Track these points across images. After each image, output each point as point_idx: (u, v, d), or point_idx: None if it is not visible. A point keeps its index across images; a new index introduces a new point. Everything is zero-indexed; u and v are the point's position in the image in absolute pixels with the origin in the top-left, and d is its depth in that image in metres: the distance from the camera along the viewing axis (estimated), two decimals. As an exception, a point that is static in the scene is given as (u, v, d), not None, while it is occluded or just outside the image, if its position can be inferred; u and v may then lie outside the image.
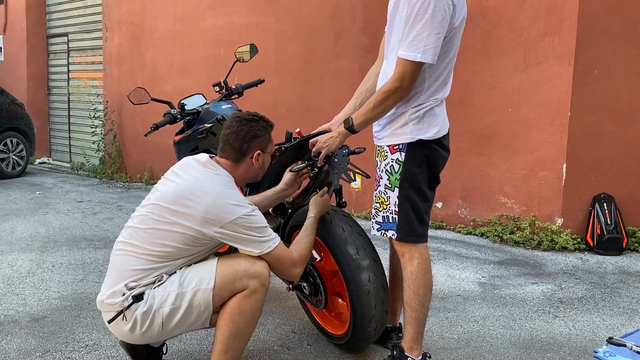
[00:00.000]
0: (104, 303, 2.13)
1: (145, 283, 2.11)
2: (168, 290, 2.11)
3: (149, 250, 2.11)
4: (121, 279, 2.11)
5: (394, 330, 2.70)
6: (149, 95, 3.42)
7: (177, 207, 2.10)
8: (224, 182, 2.16)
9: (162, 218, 2.12)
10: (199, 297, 2.11)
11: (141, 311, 2.08)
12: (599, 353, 2.68)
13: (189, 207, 2.08)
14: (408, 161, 2.28)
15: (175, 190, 2.15)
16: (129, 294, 2.09)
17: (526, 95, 4.66)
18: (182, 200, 2.10)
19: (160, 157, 7.54)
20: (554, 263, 4.19)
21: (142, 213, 2.20)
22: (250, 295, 2.12)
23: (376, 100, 2.23)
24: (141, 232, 2.15)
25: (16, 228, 5.05)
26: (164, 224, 2.11)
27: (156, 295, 2.10)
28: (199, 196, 2.09)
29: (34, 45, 9.61)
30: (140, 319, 2.09)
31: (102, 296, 2.14)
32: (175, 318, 2.11)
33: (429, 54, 2.13)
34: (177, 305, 2.10)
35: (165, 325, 2.11)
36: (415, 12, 2.11)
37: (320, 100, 5.88)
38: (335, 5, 5.74)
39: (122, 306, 2.09)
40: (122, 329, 2.13)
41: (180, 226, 2.09)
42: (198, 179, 2.15)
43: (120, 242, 2.20)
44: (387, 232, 2.37)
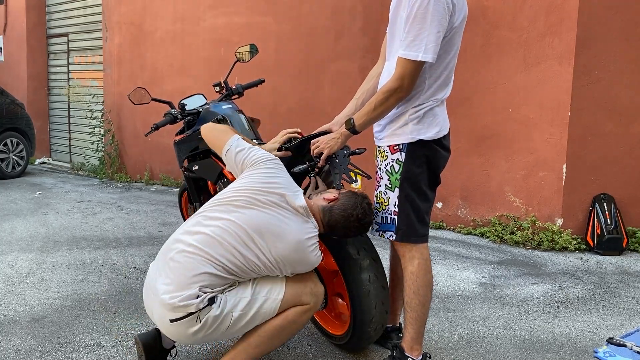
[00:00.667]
0: (172, 305, 2.08)
1: (218, 288, 2.13)
2: (240, 295, 2.15)
3: (222, 262, 2.11)
4: (194, 282, 2.09)
5: (394, 331, 2.70)
6: (149, 95, 3.42)
7: (258, 238, 2.14)
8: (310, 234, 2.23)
9: (241, 239, 2.14)
10: (267, 306, 2.18)
11: (213, 314, 2.09)
12: (599, 353, 2.68)
13: (273, 240, 2.15)
14: (408, 161, 2.28)
15: (264, 221, 2.17)
16: (204, 297, 2.08)
17: (526, 95, 4.66)
18: (266, 235, 2.15)
19: (160, 157, 7.54)
20: (554, 263, 4.19)
21: (218, 225, 2.17)
22: (307, 311, 2.26)
23: (377, 100, 2.23)
24: (216, 243, 2.13)
25: (16, 228, 5.05)
26: (242, 246, 2.13)
27: (228, 299, 2.12)
28: (283, 239, 2.16)
29: (34, 45, 9.61)
30: (211, 321, 2.10)
31: (170, 299, 2.08)
32: (241, 323, 2.16)
33: (430, 53, 2.13)
34: (246, 311, 2.15)
35: (230, 328, 2.15)
36: (415, 11, 2.11)
37: (320, 100, 5.88)
38: (335, 5, 5.74)
39: (197, 308, 2.07)
40: (187, 330, 2.11)
41: (258, 252, 2.14)
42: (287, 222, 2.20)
43: (190, 245, 2.15)
44: (384, 233, 2.37)
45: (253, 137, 3.12)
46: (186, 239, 2.17)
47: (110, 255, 4.27)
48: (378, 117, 2.28)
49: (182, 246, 2.16)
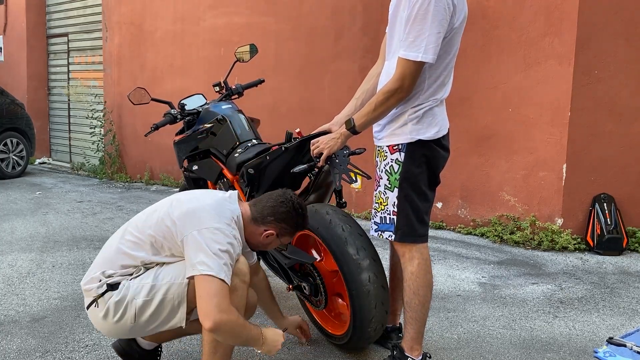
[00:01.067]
0: (83, 289, 2.16)
1: (122, 273, 2.12)
2: (143, 282, 2.09)
3: (129, 242, 2.13)
4: (102, 266, 2.14)
5: (394, 331, 2.70)
6: (149, 95, 3.42)
7: (170, 204, 2.16)
8: (229, 206, 2.14)
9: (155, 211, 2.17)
10: (173, 291, 2.08)
11: (114, 300, 2.07)
12: (599, 353, 2.68)
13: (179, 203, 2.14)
14: (407, 161, 2.28)
15: (180, 195, 2.22)
16: (104, 281, 2.10)
17: (526, 95, 4.66)
18: (178, 201, 2.16)
19: (160, 157, 7.54)
20: (554, 263, 4.18)
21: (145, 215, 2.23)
22: (233, 292, 2.03)
23: (377, 100, 2.23)
24: (134, 220, 2.21)
25: (16, 228, 5.05)
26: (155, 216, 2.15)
27: (131, 286, 2.09)
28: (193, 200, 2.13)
29: (34, 45, 9.60)
30: (113, 308, 2.08)
31: (82, 280, 2.17)
32: (148, 311, 2.09)
33: (430, 53, 2.13)
34: (150, 298, 2.07)
35: (137, 317, 2.09)
36: (415, 12, 2.11)
37: (320, 100, 5.88)
38: (335, 5, 5.74)
39: (97, 293, 2.09)
40: (97, 316, 2.13)
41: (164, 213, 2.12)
42: (207, 194, 2.21)
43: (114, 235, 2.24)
44: (383, 233, 2.37)
45: (253, 137, 3.12)
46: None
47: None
48: (378, 118, 2.28)
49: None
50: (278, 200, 2.20)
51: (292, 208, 2.20)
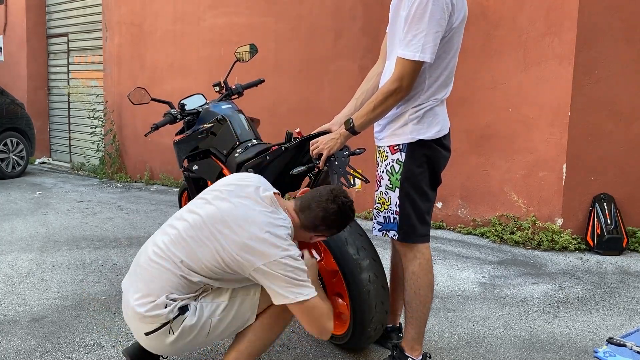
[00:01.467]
0: (143, 315, 2.02)
1: (188, 296, 2.06)
2: (217, 301, 2.10)
3: (186, 263, 2.03)
4: (162, 290, 2.03)
5: (394, 331, 2.70)
6: (149, 95, 3.42)
7: (222, 228, 2.02)
8: (280, 222, 2.05)
9: (204, 233, 2.03)
10: (245, 306, 2.12)
11: (189, 323, 2.04)
12: (599, 353, 2.68)
13: (234, 232, 2.00)
14: (408, 161, 2.28)
15: (227, 212, 2.05)
16: (174, 306, 2.02)
17: (526, 95, 4.66)
18: (230, 224, 2.02)
19: (160, 157, 7.54)
20: (554, 263, 4.18)
21: (188, 223, 2.09)
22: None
23: (376, 100, 2.23)
24: (182, 242, 2.05)
25: (16, 228, 5.05)
26: (205, 239, 2.03)
27: (204, 306, 2.07)
28: (248, 225, 2.00)
29: (34, 45, 9.60)
30: (188, 330, 2.05)
31: (140, 308, 2.02)
32: (222, 326, 2.11)
33: (427, 52, 2.13)
34: (225, 315, 2.10)
35: (210, 335, 2.10)
36: (414, 11, 2.11)
37: (320, 100, 5.88)
38: (335, 5, 5.74)
39: (167, 319, 2.01)
40: (163, 341, 2.05)
41: (219, 245, 2.00)
42: (253, 211, 2.05)
43: (158, 247, 2.09)
44: (388, 232, 2.37)
45: (253, 137, 3.12)
46: (156, 240, 2.12)
47: (110, 255, 4.27)
48: (377, 118, 2.28)
49: (150, 249, 2.11)
50: (330, 210, 2.12)
51: (343, 213, 2.16)
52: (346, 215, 2.17)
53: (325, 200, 2.14)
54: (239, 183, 2.18)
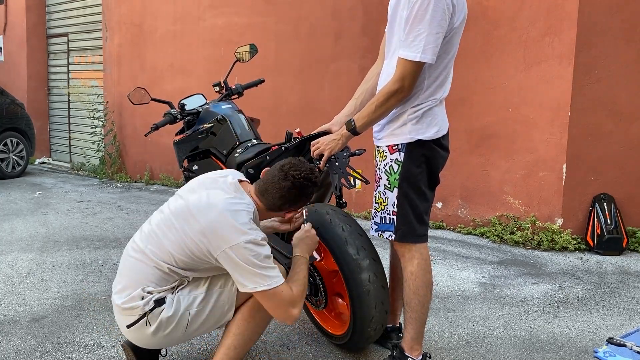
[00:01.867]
0: (122, 308, 2.10)
1: (164, 288, 2.11)
2: (194, 293, 2.14)
3: (158, 255, 2.10)
4: (138, 283, 2.09)
5: (394, 331, 2.70)
6: (149, 95, 3.42)
7: (186, 217, 2.08)
8: (242, 207, 2.08)
9: (172, 224, 2.10)
10: (224, 298, 2.16)
11: (166, 315, 2.08)
12: (599, 353, 2.68)
13: (195, 218, 2.05)
14: (407, 161, 2.28)
15: (192, 203, 2.11)
16: (149, 298, 2.07)
17: (526, 95, 4.66)
18: (194, 212, 2.07)
19: (160, 157, 7.54)
20: (554, 263, 4.19)
21: (159, 218, 2.18)
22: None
23: (378, 101, 2.23)
24: (153, 235, 2.14)
25: (16, 228, 5.05)
26: (172, 229, 2.10)
27: (181, 298, 2.11)
28: (208, 209, 2.05)
29: (34, 45, 9.60)
30: (166, 322, 2.09)
31: (118, 300, 2.12)
32: (200, 319, 2.14)
33: (429, 53, 2.13)
34: (203, 307, 2.13)
35: (189, 327, 2.14)
36: (415, 12, 2.12)
37: (320, 100, 5.88)
38: (335, 5, 5.74)
39: (143, 310, 2.07)
40: (144, 333, 2.11)
41: (184, 233, 2.06)
42: (215, 196, 2.10)
43: (134, 242, 2.19)
44: (383, 233, 2.37)
45: (253, 137, 3.12)
46: (134, 238, 2.22)
47: (110, 255, 4.27)
48: (379, 118, 2.29)
49: (129, 246, 2.21)
50: (285, 188, 2.13)
51: (301, 185, 2.15)
52: (304, 186, 2.17)
53: (277, 181, 2.15)
54: (212, 177, 2.23)
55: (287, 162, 2.18)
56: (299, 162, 2.19)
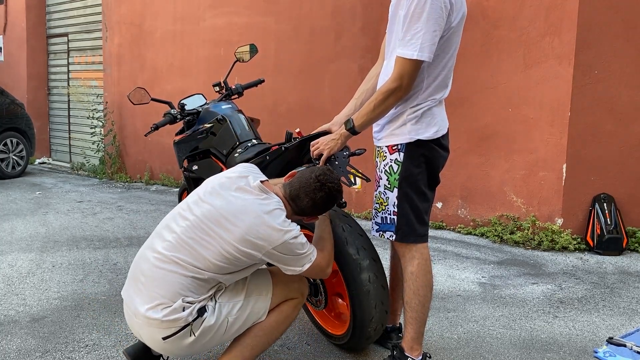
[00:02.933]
0: (160, 321, 2.02)
1: (204, 296, 2.08)
2: (233, 300, 2.14)
3: (193, 264, 2.04)
4: (175, 295, 2.03)
5: (394, 331, 2.70)
6: (149, 95, 3.42)
7: (221, 225, 2.05)
8: (274, 206, 2.10)
9: (206, 233, 2.06)
10: (259, 305, 2.19)
11: (208, 323, 2.07)
12: (599, 353, 2.68)
13: (234, 225, 2.04)
14: (407, 161, 2.28)
15: (222, 208, 2.08)
16: (192, 308, 2.03)
17: (526, 95, 4.66)
18: (229, 218, 2.05)
19: (160, 157, 7.54)
20: (554, 263, 4.18)
21: (186, 224, 2.10)
22: (298, 305, 2.30)
23: (376, 100, 2.23)
24: (185, 245, 2.06)
25: (16, 228, 5.05)
26: (208, 238, 2.05)
27: (222, 306, 2.11)
28: (244, 216, 2.04)
29: (34, 45, 9.60)
30: (207, 330, 2.08)
31: (155, 314, 2.02)
32: (236, 326, 2.15)
33: (425, 51, 2.13)
34: (240, 314, 2.15)
35: (226, 333, 2.14)
36: (412, 11, 2.12)
37: (320, 100, 5.88)
38: (335, 5, 5.74)
39: (186, 321, 2.03)
40: (182, 343, 2.07)
41: (224, 242, 2.04)
42: (246, 201, 2.09)
43: (159, 253, 2.08)
44: (384, 233, 2.37)
45: (253, 137, 3.12)
46: (155, 247, 2.11)
47: (110, 255, 4.27)
48: (378, 117, 2.29)
49: (150, 256, 2.10)
50: (318, 197, 2.17)
51: (332, 197, 2.20)
52: (334, 197, 2.23)
53: (313, 190, 2.17)
54: (229, 176, 2.21)
55: (322, 173, 2.20)
56: (333, 173, 2.25)
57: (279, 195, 2.19)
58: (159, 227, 2.19)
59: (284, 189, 2.22)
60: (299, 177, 2.22)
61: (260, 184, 2.16)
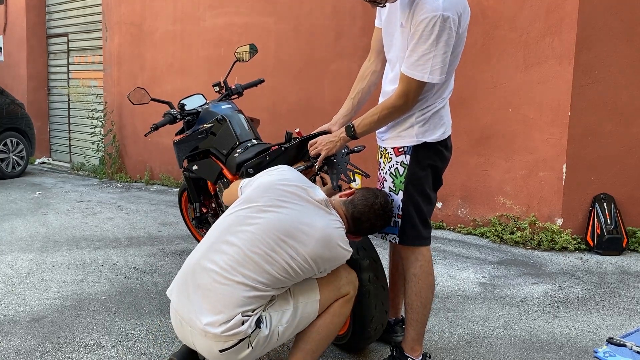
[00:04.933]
0: (218, 335, 1.99)
1: (260, 308, 2.07)
2: (283, 308, 2.12)
3: (256, 280, 2.01)
4: (235, 309, 2.00)
5: (398, 323, 2.71)
6: (148, 95, 3.42)
7: (288, 239, 2.03)
8: (336, 224, 2.15)
9: (271, 247, 2.02)
10: (308, 309, 2.16)
11: (263, 335, 2.06)
12: (599, 353, 2.68)
13: (301, 242, 2.04)
14: (413, 164, 2.27)
15: (289, 220, 2.06)
16: (250, 321, 2.01)
17: (526, 95, 4.66)
18: (295, 233, 2.04)
19: (160, 157, 7.54)
20: (554, 263, 4.18)
21: (248, 237, 2.05)
22: (349, 300, 2.25)
23: (381, 114, 2.22)
24: (248, 260, 2.01)
25: (16, 228, 5.05)
26: (273, 253, 2.02)
27: (272, 316, 2.09)
28: (312, 232, 2.06)
29: (34, 45, 9.60)
30: (262, 342, 2.07)
31: (214, 329, 1.99)
32: (288, 333, 2.14)
33: (437, 74, 2.10)
34: (291, 322, 2.13)
35: (278, 341, 2.13)
36: (420, 32, 2.06)
37: (320, 100, 5.88)
38: (335, 5, 5.74)
39: (246, 334, 2.01)
40: (239, 354, 2.05)
41: (290, 258, 2.03)
42: (312, 215, 2.11)
43: (222, 268, 2.02)
44: (387, 235, 2.36)
45: (253, 137, 3.13)
46: (215, 260, 2.04)
47: (110, 255, 4.27)
48: (380, 127, 2.31)
49: (211, 269, 2.03)
50: (377, 225, 2.28)
51: (387, 222, 2.31)
52: (388, 224, 2.34)
53: (376, 217, 2.25)
54: (290, 186, 2.16)
55: (386, 202, 2.28)
56: (391, 201, 2.33)
57: (340, 213, 2.22)
58: (216, 234, 2.11)
59: (345, 206, 2.24)
60: (362, 200, 2.24)
61: (325, 198, 2.19)
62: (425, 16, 2.04)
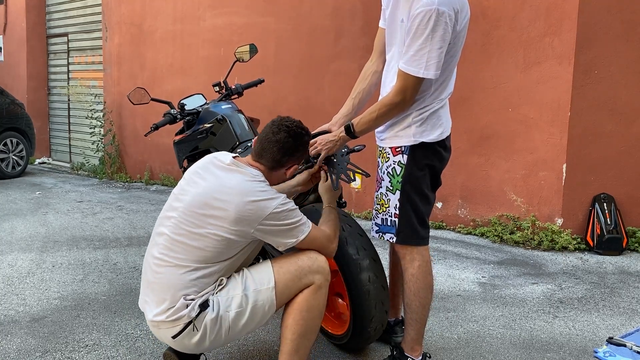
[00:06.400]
0: (166, 322, 2.06)
1: (205, 291, 2.08)
2: (231, 293, 2.09)
3: (189, 260, 2.05)
4: (176, 294, 2.04)
5: (398, 324, 2.71)
6: (148, 95, 3.42)
7: (207, 211, 2.04)
8: (250, 177, 2.09)
9: (194, 224, 2.05)
10: (262, 297, 2.11)
11: (210, 318, 2.05)
12: (599, 353, 2.68)
13: (219, 209, 2.03)
14: (410, 164, 2.27)
15: (202, 193, 2.08)
16: (194, 304, 2.03)
17: (526, 95, 4.66)
18: (211, 202, 2.04)
19: (160, 157, 7.54)
20: (554, 263, 4.18)
21: (172, 222, 2.11)
22: (317, 290, 2.13)
23: (379, 111, 2.22)
24: (176, 243, 2.07)
25: (16, 228, 5.05)
26: (198, 229, 2.05)
27: (220, 299, 2.08)
28: (227, 196, 2.03)
29: (34, 45, 9.60)
30: (210, 326, 2.06)
31: (160, 317, 2.06)
32: (242, 321, 2.10)
33: (432, 69, 2.11)
34: (243, 308, 2.09)
35: (232, 329, 2.10)
36: (416, 27, 2.08)
37: (320, 100, 5.88)
38: (335, 5, 5.74)
39: (189, 317, 2.03)
40: (190, 341, 2.07)
41: (215, 228, 2.03)
42: (223, 179, 2.09)
43: (156, 258, 2.11)
44: (384, 235, 2.36)
45: (253, 137, 3.12)
46: (152, 253, 2.14)
47: (110, 255, 4.27)
48: (379, 126, 2.30)
49: (151, 262, 2.13)
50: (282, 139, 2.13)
51: (296, 134, 2.16)
52: (298, 134, 2.17)
53: (272, 135, 2.15)
54: (200, 165, 2.21)
55: (277, 118, 2.20)
56: (287, 116, 2.22)
57: (251, 163, 2.18)
58: (153, 232, 2.22)
59: (251, 154, 2.21)
60: (258, 136, 2.22)
61: (232, 160, 2.16)
62: (420, 10, 2.06)
